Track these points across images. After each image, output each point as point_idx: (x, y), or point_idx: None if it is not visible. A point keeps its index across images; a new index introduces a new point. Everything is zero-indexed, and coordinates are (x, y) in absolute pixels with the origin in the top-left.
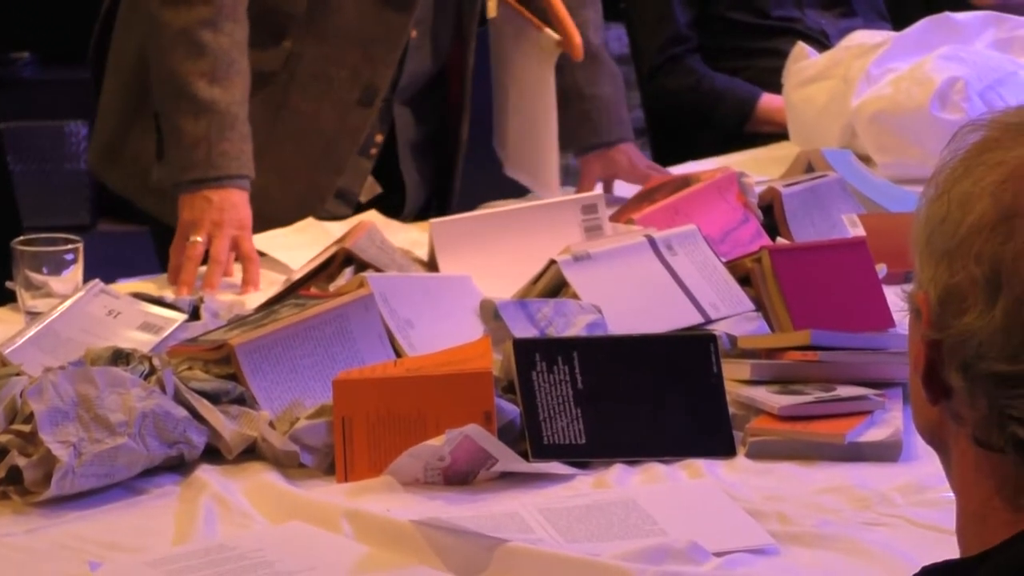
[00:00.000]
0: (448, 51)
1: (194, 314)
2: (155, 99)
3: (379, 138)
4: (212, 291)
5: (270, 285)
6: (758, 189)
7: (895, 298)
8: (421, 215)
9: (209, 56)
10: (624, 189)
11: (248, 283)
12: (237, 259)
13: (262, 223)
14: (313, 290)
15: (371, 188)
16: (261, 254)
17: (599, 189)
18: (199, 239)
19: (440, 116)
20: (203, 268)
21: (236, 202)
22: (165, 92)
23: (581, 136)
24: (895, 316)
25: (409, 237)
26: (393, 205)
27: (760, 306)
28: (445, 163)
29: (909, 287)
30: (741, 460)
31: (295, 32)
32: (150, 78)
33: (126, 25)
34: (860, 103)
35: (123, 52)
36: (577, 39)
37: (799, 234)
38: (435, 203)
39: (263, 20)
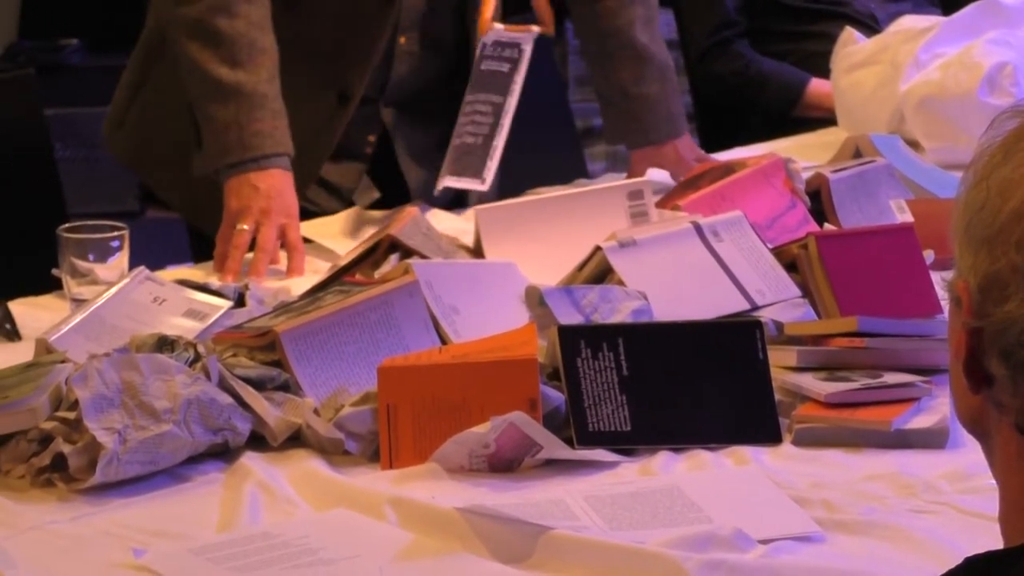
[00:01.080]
0: (454, 60)
1: (239, 301)
2: (188, 91)
3: (371, 138)
4: (258, 279)
5: (315, 272)
6: (805, 175)
7: (943, 284)
8: None
9: (227, 42)
10: (668, 175)
11: (293, 271)
12: (283, 247)
13: None
14: (358, 277)
15: (368, 192)
16: (307, 241)
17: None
18: (246, 227)
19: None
20: (249, 255)
21: (282, 188)
22: (192, 83)
23: (629, 136)
24: (942, 302)
25: (454, 224)
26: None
27: (806, 292)
28: None
29: (949, 275)
30: (787, 447)
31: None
32: (154, 52)
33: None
34: (908, 88)
35: (146, 29)
36: (547, 15)
37: (846, 220)
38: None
39: None
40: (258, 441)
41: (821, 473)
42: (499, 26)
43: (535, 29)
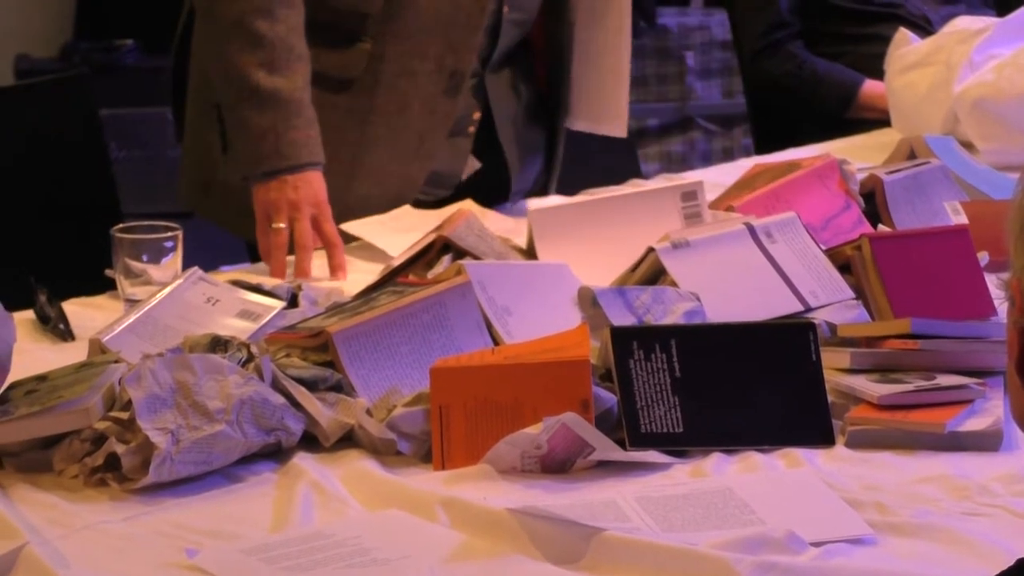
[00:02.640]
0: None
1: (292, 301)
2: (217, 92)
3: (476, 115)
4: (307, 278)
5: (368, 273)
6: (860, 176)
7: (997, 286)
8: (533, 193)
9: (267, 46)
10: (724, 175)
11: (336, 269)
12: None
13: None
14: (411, 277)
15: (470, 164)
16: (353, 238)
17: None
18: (281, 225)
19: (533, 86)
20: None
21: (310, 179)
22: (226, 85)
23: None
24: (996, 304)
25: (507, 226)
26: (498, 183)
27: (860, 294)
28: (548, 133)
29: (1006, 275)
30: (840, 449)
31: (373, 32)
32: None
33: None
34: (962, 89)
35: (205, 82)
36: None
37: (900, 222)
38: (542, 178)
39: (339, 22)
40: (310, 441)
41: (874, 475)
42: None
43: None
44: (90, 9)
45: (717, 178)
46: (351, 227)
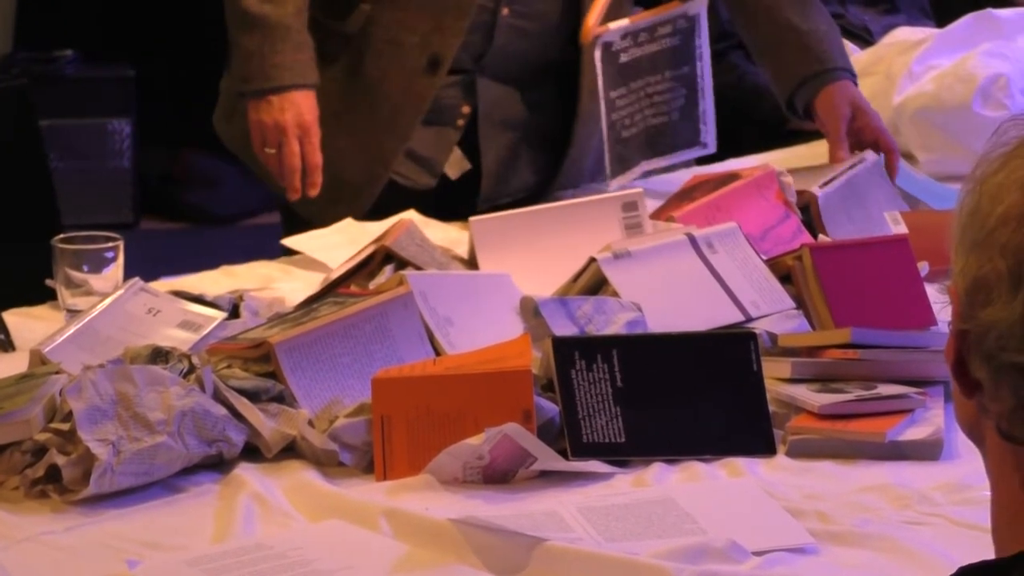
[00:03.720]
0: (557, 38)
1: (234, 312)
2: (226, 16)
3: (465, 109)
4: (297, 196)
5: (309, 283)
6: (795, 179)
7: (937, 296)
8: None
9: None
10: (664, 185)
11: (310, 187)
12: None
13: (339, 185)
14: (353, 288)
15: (459, 163)
16: (296, 253)
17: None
18: (270, 151)
19: (558, 110)
20: None
21: (296, 99)
22: (227, 8)
23: (802, 67)
24: (936, 314)
25: (449, 235)
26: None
27: (801, 304)
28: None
29: (949, 282)
30: (781, 459)
31: None
32: None
33: None
34: (903, 100)
35: None
36: (586, 22)
37: (837, 233)
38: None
39: None
40: (252, 452)
41: (815, 484)
42: (616, 25)
43: None
44: (30, 19)
45: (658, 188)
46: (292, 242)
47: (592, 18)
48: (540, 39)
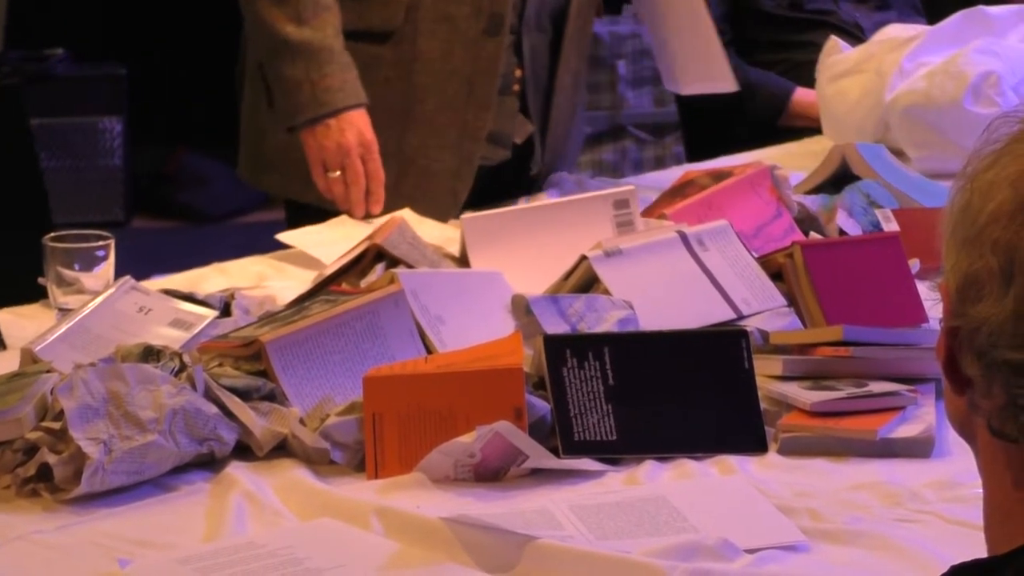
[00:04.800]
0: None
1: (225, 310)
2: (255, 50)
3: (518, 73)
4: (360, 214)
5: (301, 281)
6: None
7: (928, 293)
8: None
9: (291, 1)
10: (656, 182)
11: (374, 203)
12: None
13: (427, 177)
14: (344, 286)
15: (523, 127)
16: (287, 246)
17: None
18: (336, 174)
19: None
20: None
21: (353, 119)
22: (261, 42)
23: None
24: (927, 311)
25: (440, 233)
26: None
27: (792, 301)
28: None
29: (941, 279)
30: (772, 456)
31: None
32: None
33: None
34: (894, 97)
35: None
36: None
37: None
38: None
39: None
40: (244, 451)
41: (806, 482)
42: None
43: None
44: (21, 19)
45: (649, 186)
46: (287, 237)
47: None
48: None
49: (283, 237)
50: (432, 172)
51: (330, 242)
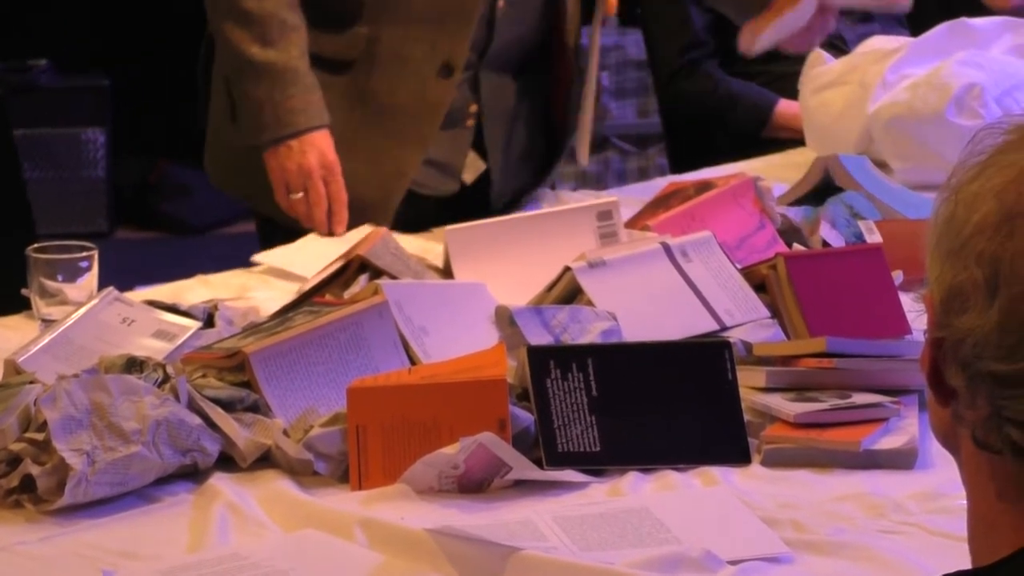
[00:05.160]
0: (550, 22)
1: (208, 321)
2: (222, 68)
3: (473, 108)
4: (323, 231)
5: (284, 292)
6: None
7: (912, 305)
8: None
9: (256, 22)
10: (639, 193)
11: (336, 224)
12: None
13: (354, 207)
14: (328, 297)
15: (474, 164)
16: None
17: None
18: (298, 195)
19: (539, 98)
20: None
21: (315, 140)
22: (227, 60)
23: None
24: (911, 323)
25: (424, 244)
26: (486, 186)
27: (775, 313)
28: (552, 143)
29: (925, 291)
30: (756, 467)
31: (369, 15)
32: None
33: None
34: (877, 109)
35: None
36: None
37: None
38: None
39: (335, 4)
40: (227, 462)
41: (790, 493)
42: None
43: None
44: (4, 29)
45: (633, 197)
46: (263, 257)
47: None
48: (529, 25)
49: (259, 258)
50: (362, 200)
51: (304, 260)
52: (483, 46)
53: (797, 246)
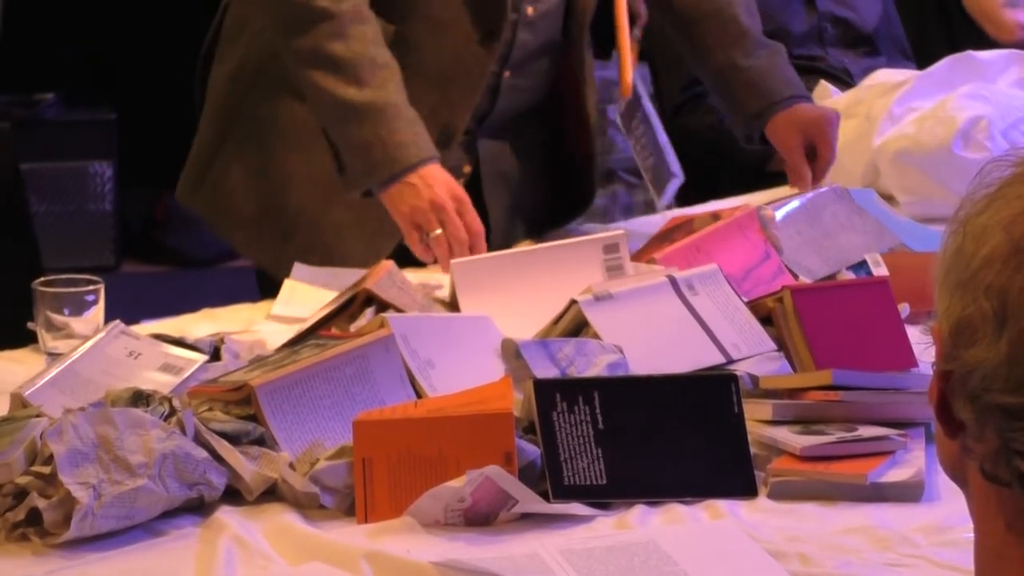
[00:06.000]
0: (546, 91)
1: (215, 355)
2: (319, 119)
3: (467, 169)
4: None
5: (290, 327)
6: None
7: (919, 337)
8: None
9: (348, 65)
10: (645, 226)
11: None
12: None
13: (335, 259)
14: (334, 331)
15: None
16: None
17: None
18: (437, 232)
19: (542, 159)
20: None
21: (434, 173)
22: (322, 110)
23: (749, 104)
24: (917, 356)
25: (429, 278)
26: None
27: (782, 346)
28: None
29: (933, 323)
30: (762, 500)
31: None
32: (240, 110)
33: (220, 58)
34: (883, 142)
35: (216, 83)
36: (625, 78)
37: (787, 245)
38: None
39: None
40: (233, 495)
41: (797, 527)
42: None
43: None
44: (10, 63)
45: (639, 230)
46: (279, 310)
47: (629, 74)
48: (534, 92)
49: (278, 311)
50: (343, 255)
51: (314, 301)
52: (484, 113)
53: (802, 279)
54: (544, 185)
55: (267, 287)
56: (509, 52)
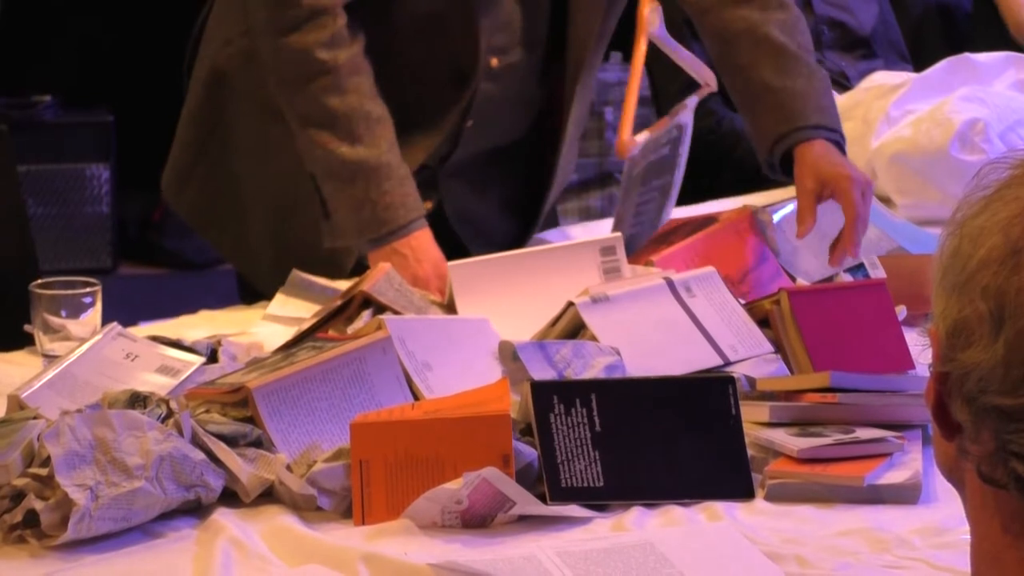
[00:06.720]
0: (509, 138)
1: (212, 357)
2: (308, 165)
3: (427, 205)
4: None
5: (287, 329)
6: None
7: (916, 339)
8: None
9: (342, 119)
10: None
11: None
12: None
13: (306, 264)
14: (331, 333)
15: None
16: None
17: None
18: None
19: (509, 189)
20: None
21: (426, 246)
22: (314, 161)
23: (772, 126)
24: (915, 358)
25: None
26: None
27: (779, 348)
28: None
29: (930, 324)
30: (760, 502)
31: None
32: (215, 110)
33: (200, 60)
34: (880, 144)
35: (196, 80)
36: (621, 136)
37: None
38: None
39: None
40: (231, 497)
41: (794, 528)
42: (641, 137)
43: (694, 98)
44: (8, 64)
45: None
46: (274, 310)
47: (626, 132)
48: (498, 138)
49: (272, 312)
50: (311, 257)
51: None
52: (444, 155)
53: (800, 280)
54: (508, 216)
55: (247, 294)
56: (471, 102)
